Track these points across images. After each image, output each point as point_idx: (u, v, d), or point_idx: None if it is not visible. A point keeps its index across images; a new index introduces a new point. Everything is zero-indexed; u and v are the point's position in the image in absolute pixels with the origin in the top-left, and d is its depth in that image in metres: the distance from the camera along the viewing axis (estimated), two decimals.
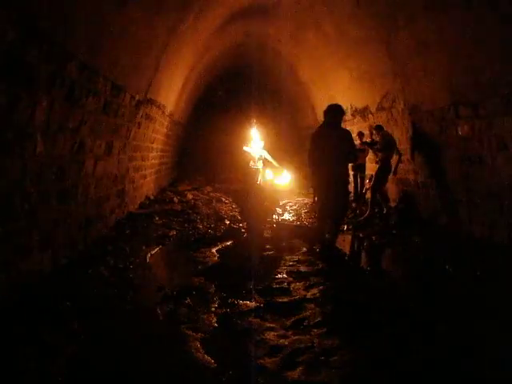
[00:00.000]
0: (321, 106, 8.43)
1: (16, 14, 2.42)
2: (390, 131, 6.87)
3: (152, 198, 7.99)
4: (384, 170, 6.62)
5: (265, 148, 6.58)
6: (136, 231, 5.41)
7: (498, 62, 3.95)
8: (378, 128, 6.81)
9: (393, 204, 7.10)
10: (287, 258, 4.68)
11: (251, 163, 6.38)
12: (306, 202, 8.73)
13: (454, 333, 2.76)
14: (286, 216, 7.37)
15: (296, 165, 8.26)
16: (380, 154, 6.70)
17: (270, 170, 6.69)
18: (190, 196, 9.11)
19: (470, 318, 2.99)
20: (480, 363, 2.37)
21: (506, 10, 3.56)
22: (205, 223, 6.45)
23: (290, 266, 4.35)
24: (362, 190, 8.12)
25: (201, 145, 14.27)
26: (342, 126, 4.97)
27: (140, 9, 4.32)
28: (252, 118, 7.44)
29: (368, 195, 7.20)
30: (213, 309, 3.15)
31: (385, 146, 6.57)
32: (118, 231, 5.18)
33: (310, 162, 4.93)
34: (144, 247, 4.75)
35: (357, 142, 7.30)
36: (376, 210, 6.74)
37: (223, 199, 9.09)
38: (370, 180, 7.07)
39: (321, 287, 3.62)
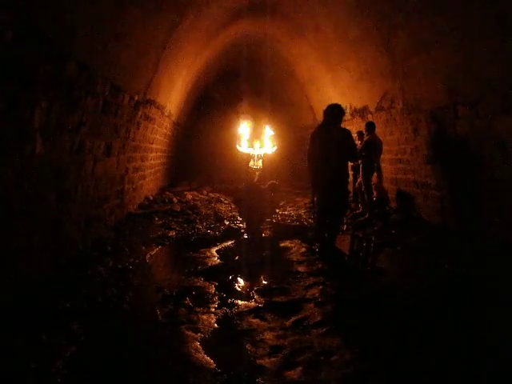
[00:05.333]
0: (320, 105, 8.43)
1: (14, 13, 2.42)
2: (389, 131, 6.86)
3: (151, 198, 7.99)
4: (365, 174, 6.53)
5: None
6: (135, 232, 5.41)
7: (498, 61, 3.95)
8: (368, 126, 6.63)
9: (393, 204, 7.10)
10: (286, 257, 4.69)
11: (251, 163, 6.37)
12: (305, 202, 8.73)
13: (453, 332, 2.76)
14: (286, 216, 7.37)
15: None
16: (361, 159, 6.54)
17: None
18: (189, 196, 9.11)
19: (469, 317, 2.99)
20: (479, 363, 2.37)
21: (505, 9, 3.57)
22: (204, 223, 6.45)
23: (289, 265, 4.36)
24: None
25: (200, 145, 14.28)
26: (342, 125, 4.96)
27: (139, 9, 4.32)
28: (251, 118, 7.42)
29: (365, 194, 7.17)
30: (212, 309, 3.15)
31: (365, 149, 6.39)
32: (118, 232, 5.18)
33: (309, 162, 4.92)
34: (143, 248, 4.75)
35: (357, 141, 7.26)
36: (376, 211, 6.73)
37: (222, 199, 9.10)
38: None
39: (320, 287, 3.62)
